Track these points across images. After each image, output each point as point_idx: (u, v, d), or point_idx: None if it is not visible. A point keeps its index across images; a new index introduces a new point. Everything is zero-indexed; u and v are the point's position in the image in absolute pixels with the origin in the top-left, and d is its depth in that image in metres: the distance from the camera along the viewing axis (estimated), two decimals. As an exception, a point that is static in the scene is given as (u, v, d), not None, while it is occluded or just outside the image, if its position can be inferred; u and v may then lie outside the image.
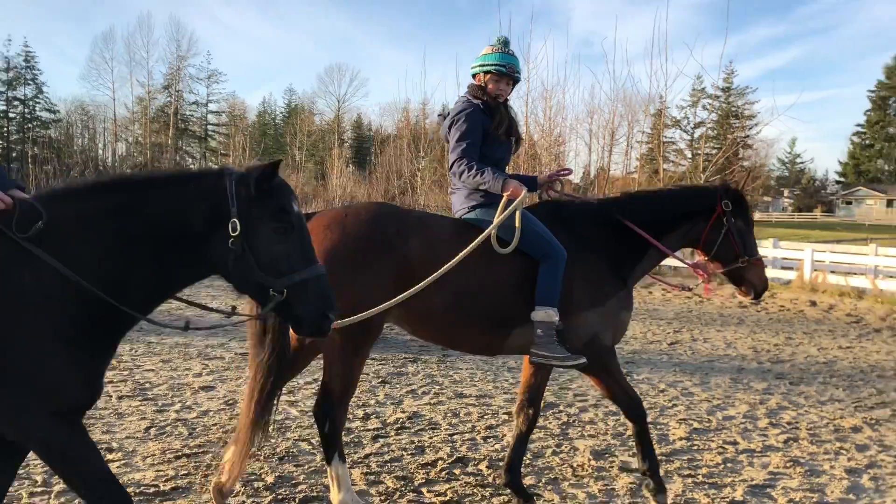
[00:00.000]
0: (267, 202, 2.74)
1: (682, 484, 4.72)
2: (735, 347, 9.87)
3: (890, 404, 7.03)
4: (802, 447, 5.58)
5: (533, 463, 5.01)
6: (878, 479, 4.94)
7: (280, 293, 2.71)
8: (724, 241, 4.31)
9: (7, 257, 2.58)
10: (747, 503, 4.44)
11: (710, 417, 6.30)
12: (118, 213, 2.71)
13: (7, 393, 2.53)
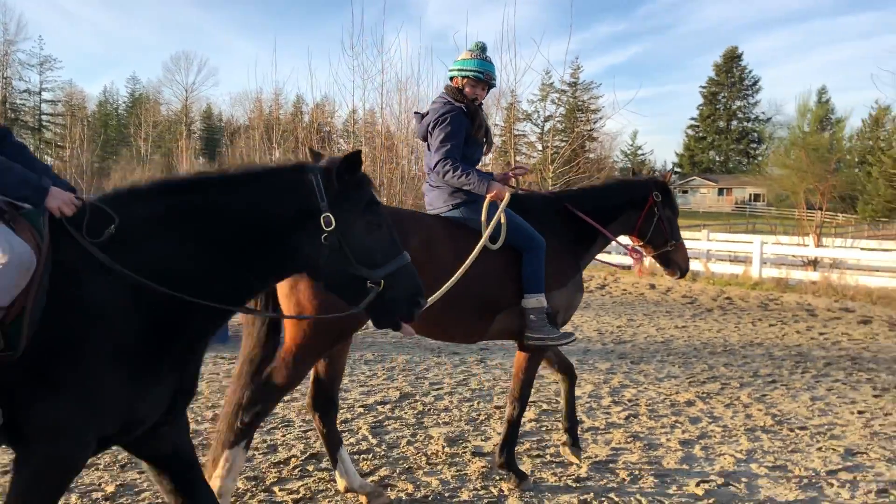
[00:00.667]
0: (357, 195, 2.72)
1: (531, 464, 4.88)
2: (581, 330, 10.33)
3: (719, 378, 7.59)
4: (642, 422, 5.93)
5: (388, 454, 5.02)
6: (708, 449, 5.32)
7: (377, 284, 2.68)
8: (656, 228, 4.86)
9: (79, 263, 2.43)
10: (591, 479, 4.66)
11: (558, 399, 6.55)
12: (195, 214, 2.62)
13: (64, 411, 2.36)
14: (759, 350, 9.23)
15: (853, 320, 11.83)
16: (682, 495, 4.43)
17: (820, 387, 7.34)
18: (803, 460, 5.13)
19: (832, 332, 10.73)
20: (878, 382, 7.58)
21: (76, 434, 2.41)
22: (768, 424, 5.97)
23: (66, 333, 2.35)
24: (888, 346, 9.67)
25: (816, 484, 4.68)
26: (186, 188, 2.71)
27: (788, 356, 8.89)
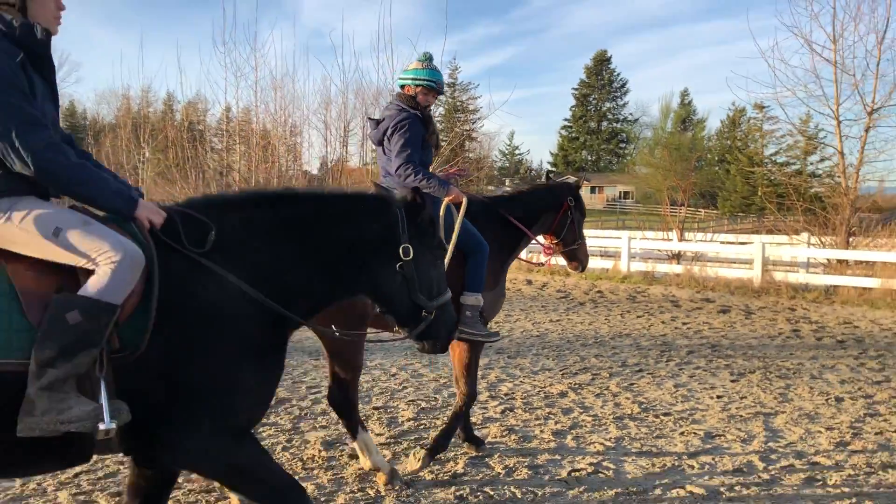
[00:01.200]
0: (430, 231, 3.04)
1: (409, 463, 4.88)
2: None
3: (590, 369, 7.87)
4: (517, 416, 6.05)
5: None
6: (580, 438, 5.50)
7: (430, 314, 2.98)
8: (569, 228, 5.44)
9: (185, 272, 2.55)
10: (467, 474, 4.71)
11: (436, 396, 6.60)
12: (286, 226, 2.81)
13: (195, 416, 2.50)
14: (627, 341, 9.64)
15: (713, 310, 12.55)
16: (554, 485, 4.55)
17: (683, 374, 7.74)
18: (667, 445, 5.38)
19: (694, 321, 11.34)
20: (735, 368, 8.07)
21: (240, 428, 2.63)
22: (635, 412, 6.23)
23: (188, 336, 2.49)
24: (744, 334, 10.31)
25: (679, 467, 4.92)
26: (280, 201, 2.91)
27: (654, 346, 9.33)
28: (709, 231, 29.46)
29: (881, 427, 5.91)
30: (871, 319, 11.59)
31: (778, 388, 7.17)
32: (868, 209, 18.28)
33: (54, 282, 2.43)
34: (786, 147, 53.42)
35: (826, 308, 12.67)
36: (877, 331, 10.67)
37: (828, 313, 12.17)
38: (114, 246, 2.41)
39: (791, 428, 5.85)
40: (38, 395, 2.26)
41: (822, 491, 4.53)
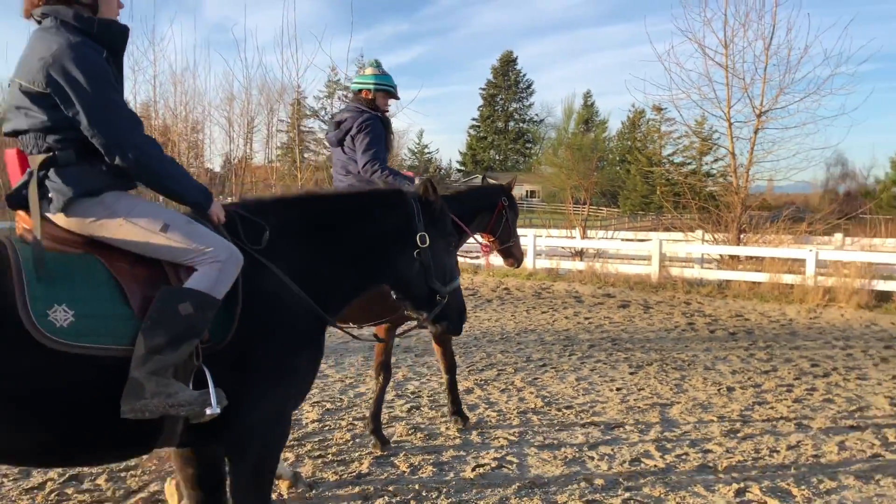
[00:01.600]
0: (442, 219, 3.31)
1: (313, 465, 4.82)
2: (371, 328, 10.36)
3: (496, 365, 7.96)
4: (423, 414, 6.07)
5: (119, 473, 4.73)
6: (484, 434, 5.55)
7: (444, 298, 3.25)
8: (504, 227, 5.76)
9: (248, 269, 2.71)
10: (372, 474, 4.68)
11: (342, 397, 6.54)
12: (322, 224, 3.06)
13: (259, 403, 2.70)
14: (532, 336, 9.81)
15: (614, 305, 12.92)
16: (458, 481, 4.58)
17: (584, 368, 7.93)
18: (569, 438, 5.50)
19: (596, 316, 11.65)
20: (634, 360, 8.34)
21: (288, 413, 2.92)
22: (539, 406, 6.34)
23: (256, 328, 2.67)
24: (643, 328, 10.66)
25: (580, 459, 5.04)
26: (312, 201, 3.16)
27: (558, 341, 9.53)
28: (610, 229, 30.38)
29: (768, 414, 6.22)
30: (761, 312, 12.19)
31: (674, 379, 7.44)
32: (758, 207, 19.22)
33: (149, 273, 2.57)
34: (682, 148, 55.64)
35: (719, 302, 13.25)
36: (765, 323, 11.24)
37: (720, 307, 12.73)
38: (219, 246, 2.61)
39: (685, 417, 6.09)
40: (146, 378, 2.38)
41: (713, 477, 4.73)
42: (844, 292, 12.60)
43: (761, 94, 16.12)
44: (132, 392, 2.37)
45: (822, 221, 16.98)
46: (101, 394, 2.39)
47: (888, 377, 7.67)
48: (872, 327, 10.88)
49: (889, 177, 67.36)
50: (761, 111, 16.05)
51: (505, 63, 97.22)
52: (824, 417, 6.13)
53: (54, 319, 2.32)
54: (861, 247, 16.72)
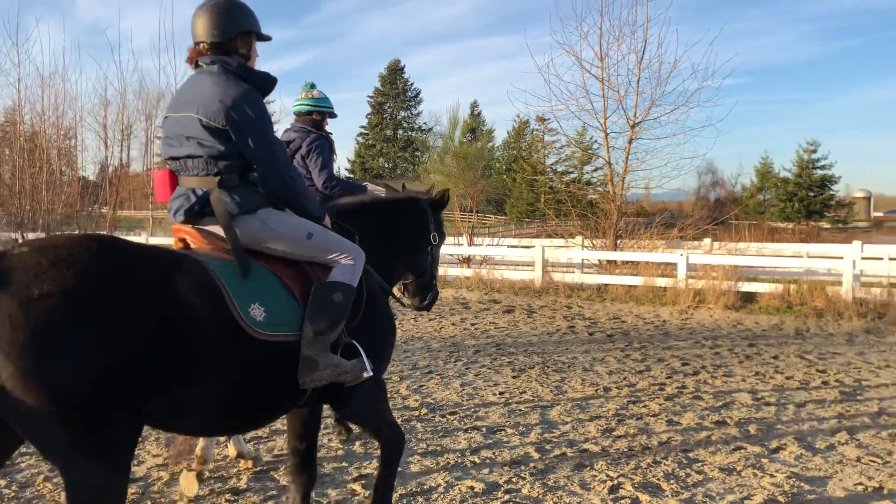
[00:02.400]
0: (441, 223, 4.29)
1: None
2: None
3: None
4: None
5: (19, 494, 4.43)
6: (367, 444, 5.51)
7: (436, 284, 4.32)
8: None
9: None
10: (251, 489, 4.56)
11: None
12: (384, 227, 3.86)
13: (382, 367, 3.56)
14: (419, 344, 9.84)
15: (499, 310, 13.15)
16: (340, 492, 4.53)
17: (469, 373, 8.03)
18: (452, 443, 5.55)
19: (482, 321, 11.83)
20: (517, 364, 8.50)
21: (383, 374, 3.65)
22: (423, 413, 6.36)
23: (366, 311, 3.39)
24: (526, 332, 10.90)
25: (461, 464, 5.09)
26: (377, 208, 4.00)
27: (444, 347, 9.60)
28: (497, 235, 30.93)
29: (641, 413, 6.48)
30: (636, 314, 12.71)
31: (554, 381, 7.64)
32: (634, 214, 20.04)
33: (296, 272, 3.21)
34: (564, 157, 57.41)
35: (598, 305, 13.72)
36: (640, 324, 11.72)
37: (599, 310, 13.19)
38: (350, 247, 3.32)
39: (564, 418, 6.26)
40: (317, 355, 3.02)
41: (589, 475, 4.88)
42: (713, 294, 13.32)
43: (635, 106, 16.87)
44: (307, 367, 3.01)
45: (692, 227, 17.87)
46: (285, 371, 3.00)
47: (751, 374, 8.15)
48: (738, 327, 11.55)
49: (754, 184, 71.91)
50: (635, 122, 16.77)
51: (392, 71, 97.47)
52: (693, 414, 6.45)
53: (255, 315, 2.88)
54: (728, 251, 17.73)
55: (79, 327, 2.35)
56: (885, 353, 9.41)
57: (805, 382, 7.73)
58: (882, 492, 4.65)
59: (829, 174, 64.71)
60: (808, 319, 11.97)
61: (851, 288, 12.84)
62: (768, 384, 7.64)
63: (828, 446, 5.58)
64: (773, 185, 68.18)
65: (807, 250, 19.65)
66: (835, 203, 65.63)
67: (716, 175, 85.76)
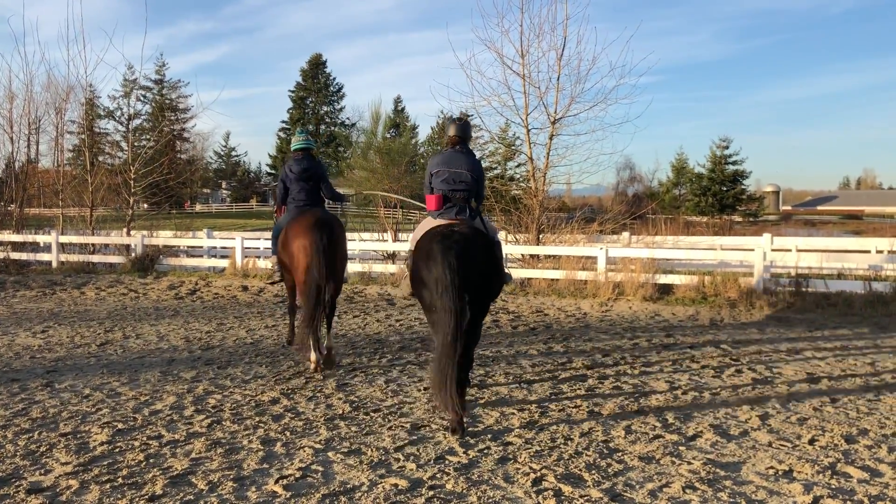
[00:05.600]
0: None
1: (100, 491, 4.44)
2: (168, 340, 9.82)
3: (304, 373, 7.80)
4: (225, 428, 5.80)
5: None
6: (289, 444, 5.40)
7: None
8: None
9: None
10: (167, 495, 4.40)
11: (135, 415, 6.11)
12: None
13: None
14: (342, 341, 9.72)
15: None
16: (261, 495, 4.41)
17: (394, 369, 7.98)
18: (376, 441, 5.49)
19: (407, 318, 11.78)
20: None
21: None
22: (347, 411, 6.28)
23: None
24: (450, 327, 10.89)
25: (385, 461, 5.04)
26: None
27: (369, 344, 9.52)
28: (421, 231, 30.72)
29: (563, 405, 6.56)
30: (559, 307, 12.90)
31: (478, 375, 7.66)
32: (556, 209, 20.32)
33: None
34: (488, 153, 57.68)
35: (521, 299, 13.87)
36: (563, 317, 11.90)
37: (523, 303, 13.33)
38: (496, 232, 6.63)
39: (488, 412, 6.28)
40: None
41: (513, 468, 4.91)
42: (632, 286, 13.64)
43: (555, 103, 17.06)
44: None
45: (611, 221, 18.25)
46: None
47: (669, 363, 8.37)
48: (656, 318, 11.86)
49: (670, 179, 74.10)
50: (556, 118, 16.97)
51: (314, 66, 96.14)
52: (613, 404, 6.57)
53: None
54: (645, 244, 18.18)
55: None
56: (794, 342, 9.81)
57: (719, 371, 7.98)
58: (792, 474, 4.84)
59: (740, 169, 67.30)
60: (722, 310, 12.39)
61: (762, 279, 13.35)
62: (685, 373, 7.86)
63: (741, 432, 5.77)
64: (689, 180, 70.45)
65: (720, 243, 20.36)
66: (746, 197, 68.31)
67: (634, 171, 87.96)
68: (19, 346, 9.36)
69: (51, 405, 6.45)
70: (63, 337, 10.00)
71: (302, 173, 8.42)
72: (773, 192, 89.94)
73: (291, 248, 7.97)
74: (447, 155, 6.62)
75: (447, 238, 5.92)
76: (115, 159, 63.18)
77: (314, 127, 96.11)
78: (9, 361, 8.31)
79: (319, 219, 7.94)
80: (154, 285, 16.11)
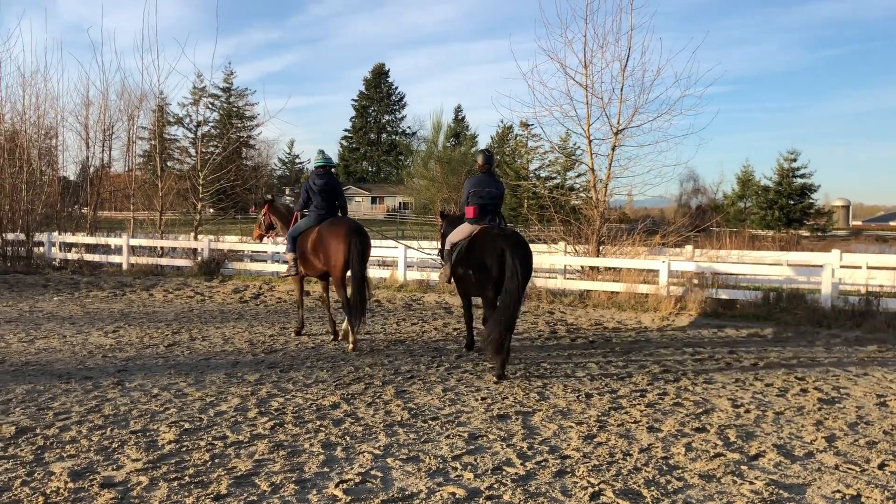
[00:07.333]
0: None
1: (168, 488, 4.60)
2: (233, 343, 10.08)
3: (363, 378, 7.91)
4: (287, 430, 5.93)
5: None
6: (349, 449, 5.49)
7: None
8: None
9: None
10: (231, 495, 4.53)
11: (201, 416, 6.30)
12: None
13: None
14: (401, 348, 9.83)
15: (482, 315, 13.12)
16: (321, 498, 4.50)
17: (452, 378, 8.02)
18: (434, 449, 5.54)
19: (464, 327, 11.79)
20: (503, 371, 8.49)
21: None
22: (405, 418, 6.35)
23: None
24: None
25: (443, 469, 5.08)
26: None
27: (426, 352, 9.60)
28: (480, 240, 30.72)
29: (623, 419, 6.50)
30: (619, 320, 12.76)
31: (536, 387, 7.66)
32: (617, 220, 20.10)
33: None
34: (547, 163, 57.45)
35: (580, 311, 13.77)
36: (623, 330, 11.78)
37: (581, 316, 13.24)
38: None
39: (546, 424, 6.27)
40: None
41: (570, 481, 4.89)
42: (694, 301, 13.41)
43: (618, 113, 16.92)
44: None
45: (674, 234, 17.96)
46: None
47: (731, 380, 8.20)
48: (719, 333, 11.63)
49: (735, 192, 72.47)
50: (618, 129, 16.83)
51: (377, 75, 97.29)
52: (674, 420, 6.48)
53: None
54: (709, 258, 17.85)
55: None
56: (863, 362, 9.51)
57: (784, 390, 7.79)
58: (860, 500, 4.70)
59: (808, 182, 65.39)
60: (788, 327, 12.08)
61: (830, 296, 12.97)
62: (748, 391, 7.70)
63: (806, 454, 5.63)
64: (754, 192, 68.74)
65: (787, 258, 19.82)
66: (814, 211, 66.30)
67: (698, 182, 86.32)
68: (92, 344, 9.73)
69: (122, 403, 6.69)
70: (133, 337, 10.36)
71: (324, 186, 10.22)
72: (843, 206, 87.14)
73: (330, 249, 9.70)
74: (480, 178, 9.24)
75: (509, 238, 8.33)
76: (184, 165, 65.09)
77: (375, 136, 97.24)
78: (83, 359, 8.66)
79: (355, 227, 9.78)
80: (219, 289, 16.53)
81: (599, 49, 17.00)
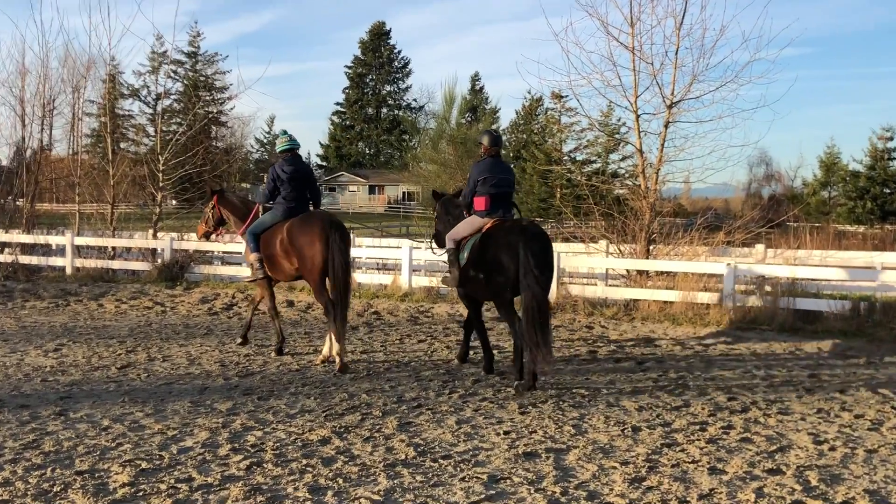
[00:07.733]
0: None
1: (121, 543, 4.64)
2: (200, 364, 10.14)
3: (360, 408, 7.94)
4: (266, 471, 5.96)
5: None
6: (342, 494, 5.52)
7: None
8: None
9: None
10: (198, 550, 4.55)
11: (161, 453, 6.34)
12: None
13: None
14: (405, 371, 9.86)
15: (504, 329, 13.12)
16: None
17: (467, 408, 8.04)
18: (445, 494, 5.55)
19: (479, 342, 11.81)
20: (526, 397, 8.51)
21: None
22: (410, 457, 6.37)
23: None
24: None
25: (457, 519, 5.09)
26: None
27: (436, 375, 9.62)
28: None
29: (678, 458, 6.50)
30: (672, 337, 12.76)
31: (571, 419, 7.66)
32: (671, 214, 20.04)
33: None
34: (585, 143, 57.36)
35: (626, 325, 13.77)
36: (678, 349, 11.76)
37: (627, 331, 13.24)
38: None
39: (584, 465, 6.27)
40: None
41: (614, 535, 4.89)
42: (766, 313, 13.37)
43: (672, 82, 16.90)
44: None
45: (742, 230, 17.88)
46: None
47: (813, 411, 8.18)
48: (797, 353, 11.60)
49: (817, 179, 72.14)
50: (672, 101, 16.80)
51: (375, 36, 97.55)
52: (741, 460, 6.46)
53: None
54: (785, 259, 17.78)
55: None
56: (976, 387, 9.45)
57: (878, 422, 7.76)
58: (972, 558, 4.67)
59: (909, 167, 64.92)
60: (883, 345, 12.02)
61: (936, 307, 12.89)
62: (833, 424, 7.67)
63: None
64: (841, 179, 68.39)
65: (881, 260, 19.70)
66: (916, 203, 65.83)
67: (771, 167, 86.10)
68: (29, 366, 9.82)
69: (65, 437, 6.74)
70: (78, 357, 10.44)
71: (294, 173, 10.52)
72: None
73: (304, 249, 9.92)
74: (490, 163, 9.53)
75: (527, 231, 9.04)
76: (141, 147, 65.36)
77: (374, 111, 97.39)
78: (18, 384, 8.74)
79: (330, 221, 10.07)
80: (184, 298, 16.65)
81: (649, 3, 17.01)
